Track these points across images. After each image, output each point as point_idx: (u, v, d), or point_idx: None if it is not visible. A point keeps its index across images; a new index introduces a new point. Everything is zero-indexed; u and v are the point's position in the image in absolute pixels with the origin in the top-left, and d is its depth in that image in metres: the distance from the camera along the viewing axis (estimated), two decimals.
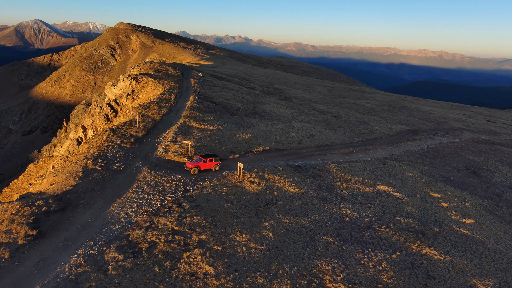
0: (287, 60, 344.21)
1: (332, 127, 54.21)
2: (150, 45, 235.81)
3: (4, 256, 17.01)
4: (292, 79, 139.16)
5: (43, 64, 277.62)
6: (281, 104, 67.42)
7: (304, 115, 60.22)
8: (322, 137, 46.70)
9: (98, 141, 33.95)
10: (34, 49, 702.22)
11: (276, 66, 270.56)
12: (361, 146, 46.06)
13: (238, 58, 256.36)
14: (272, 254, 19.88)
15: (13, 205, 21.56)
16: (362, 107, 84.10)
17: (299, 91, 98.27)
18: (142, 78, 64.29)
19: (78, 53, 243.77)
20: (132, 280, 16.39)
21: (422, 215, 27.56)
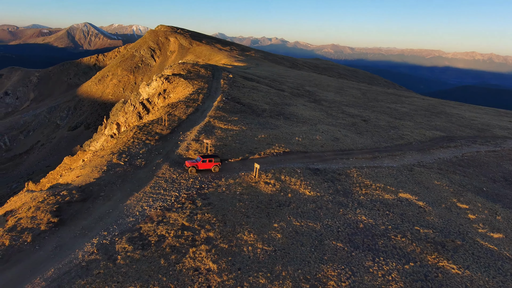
0: (322, 62, 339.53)
1: (359, 131, 52.81)
2: (188, 47, 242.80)
3: (27, 240, 18.51)
4: (325, 82, 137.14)
5: (90, 64, 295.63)
6: (309, 107, 66.73)
7: (331, 118, 59.19)
8: (347, 141, 45.65)
9: (125, 137, 35.74)
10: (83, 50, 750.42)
11: (311, 68, 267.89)
12: (388, 151, 44.46)
13: (273, 59, 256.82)
14: (278, 255, 19.86)
15: (41, 194, 23.35)
16: (396, 111, 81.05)
17: (331, 94, 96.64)
18: (173, 78, 66.55)
19: (120, 54, 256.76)
20: (138, 271, 17.15)
21: (444, 226, 26.13)
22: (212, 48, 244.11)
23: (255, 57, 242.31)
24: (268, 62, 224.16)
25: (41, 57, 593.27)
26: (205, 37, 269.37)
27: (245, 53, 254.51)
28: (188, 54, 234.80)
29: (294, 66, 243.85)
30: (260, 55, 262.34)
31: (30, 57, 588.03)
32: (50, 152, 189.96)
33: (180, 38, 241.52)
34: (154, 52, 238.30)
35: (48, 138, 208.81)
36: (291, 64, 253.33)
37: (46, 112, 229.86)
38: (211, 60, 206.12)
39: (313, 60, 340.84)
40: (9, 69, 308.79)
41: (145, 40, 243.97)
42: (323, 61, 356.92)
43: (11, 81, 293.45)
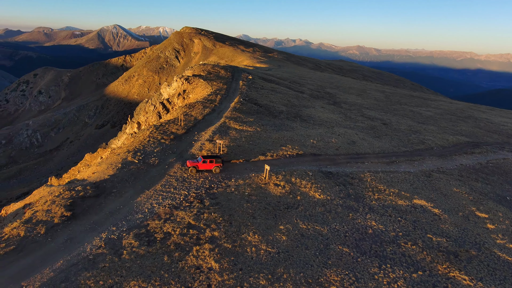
0: (347, 64, 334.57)
1: (378, 135, 51.65)
2: (211, 48, 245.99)
3: (41, 232, 19.47)
4: (347, 84, 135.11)
5: (117, 65, 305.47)
6: (328, 109, 65.96)
7: (349, 121, 58.23)
8: (364, 145, 44.77)
9: (142, 136, 36.77)
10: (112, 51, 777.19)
11: (334, 70, 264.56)
12: (407, 156, 43.21)
13: (295, 61, 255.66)
14: (281, 257, 19.81)
15: (58, 189, 24.46)
16: (419, 115, 78.68)
17: (352, 96, 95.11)
18: (193, 79, 67.70)
19: (146, 55, 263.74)
20: (141, 266, 17.63)
21: (459, 235, 25.12)
22: (235, 49, 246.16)
23: (278, 58, 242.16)
24: (290, 64, 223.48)
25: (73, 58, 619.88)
26: (228, 39, 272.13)
27: (268, 54, 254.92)
28: (211, 55, 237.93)
29: (317, 68, 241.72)
30: (282, 56, 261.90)
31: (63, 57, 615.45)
32: (78, 149, 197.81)
33: (204, 40, 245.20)
34: (179, 53, 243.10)
35: (76, 135, 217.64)
36: (314, 66, 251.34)
37: (75, 110, 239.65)
38: (234, 62, 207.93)
39: (337, 62, 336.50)
40: (43, 69, 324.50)
41: (170, 41, 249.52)
42: (347, 62, 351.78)
43: (44, 81, 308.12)
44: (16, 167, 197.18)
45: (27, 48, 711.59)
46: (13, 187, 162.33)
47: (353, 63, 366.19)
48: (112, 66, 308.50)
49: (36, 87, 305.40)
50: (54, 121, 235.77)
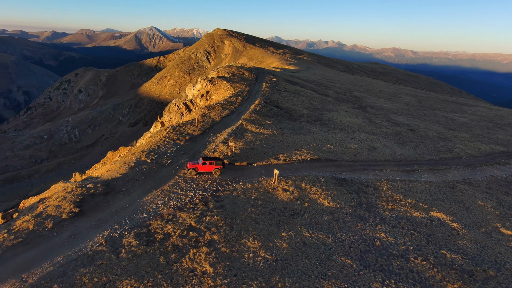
0: (380, 67, 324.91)
1: (402, 141, 49.47)
2: (241, 50, 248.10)
3: (48, 226, 20.36)
4: (378, 87, 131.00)
5: (151, 65, 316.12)
6: (352, 113, 64.17)
7: (373, 126, 56.26)
8: (385, 151, 43.03)
9: (158, 136, 37.60)
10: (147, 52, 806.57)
11: (366, 73, 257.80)
12: (431, 165, 41.00)
13: (326, 63, 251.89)
14: (278, 265, 19.37)
15: (71, 185, 25.52)
16: (452, 121, 74.57)
17: (380, 100, 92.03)
18: (217, 80, 68.44)
19: (179, 56, 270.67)
20: (137, 266, 17.91)
21: (478, 253, 23.35)
22: (265, 51, 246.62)
23: (308, 60, 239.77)
24: (320, 66, 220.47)
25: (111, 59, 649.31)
26: (258, 40, 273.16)
27: (298, 56, 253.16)
28: (241, 57, 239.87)
29: (348, 70, 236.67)
30: (313, 58, 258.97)
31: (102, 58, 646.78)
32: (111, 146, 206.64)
33: (234, 41, 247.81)
34: (209, 55, 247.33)
35: (111, 132, 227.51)
36: (345, 68, 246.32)
37: (111, 108, 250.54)
38: (263, 63, 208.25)
39: (370, 64, 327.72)
40: (83, 69, 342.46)
41: (202, 43, 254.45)
42: (381, 65, 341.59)
43: (84, 80, 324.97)
44: (55, 161, 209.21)
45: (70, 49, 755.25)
46: (52, 180, 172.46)
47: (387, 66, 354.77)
48: (146, 66, 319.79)
49: (76, 86, 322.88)
50: (91, 118, 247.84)
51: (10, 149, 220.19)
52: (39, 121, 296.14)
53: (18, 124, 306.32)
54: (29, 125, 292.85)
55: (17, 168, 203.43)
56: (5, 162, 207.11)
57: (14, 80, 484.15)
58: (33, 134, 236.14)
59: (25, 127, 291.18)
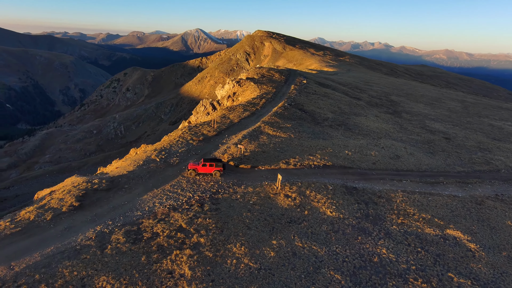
0: (429, 69, 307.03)
1: (432, 150, 46.03)
2: (281, 51, 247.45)
3: (47, 218, 21.54)
4: (420, 91, 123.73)
5: (194, 66, 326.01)
6: (382, 118, 61.03)
7: (403, 133, 53.02)
8: (410, 160, 40.27)
9: (174, 135, 38.44)
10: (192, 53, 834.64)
11: (412, 76, 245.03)
12: (460, 177, 37.65)
13: (368, 65, 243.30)
14: (260, 274, 18.74)
15: (80, 179, 26.85)
16: (499, 130, 68.17)
17: (420, 105, 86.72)
18: (244, 82, 68.65)
19: (219, 57, 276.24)
20: (118, 263, 18.28)
21: (493, 279, 20.88)
22: (304, 52, 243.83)
23: (349, 62, 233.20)
24: (362, 68, 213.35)
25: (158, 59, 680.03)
26: (299, 42, 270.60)
27: (339, 58, 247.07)
28: (280, 59, 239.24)
29: (391, 73, 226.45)
30: (355, 60, 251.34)
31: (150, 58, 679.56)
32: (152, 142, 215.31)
33: (274, 43, 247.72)
34: (249, 56, 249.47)
35: (153, 130, 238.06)
36: (388, 71, 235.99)
37: (154, 107, 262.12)
38: (302, 65, 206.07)
39: (418, 67, 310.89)
40: (132, 69, 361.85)
41: (242, 44, 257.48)
42: (430, 68, 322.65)
43: (132, 79, 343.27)
44: (102, 154, 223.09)
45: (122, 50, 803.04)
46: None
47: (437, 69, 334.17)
48: (189, 67, 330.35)
49: (125, 85, 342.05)
50: (136, 116, 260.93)
51: (64, 142, 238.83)
52: (90, 117, 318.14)
53: (72, 119, 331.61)
54: (82, 120, 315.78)
55: (69, 160, 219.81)
56: (59, 153, 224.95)
57: (72, 79, 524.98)
58: (84, 129, 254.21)
59: (78, 122, 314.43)
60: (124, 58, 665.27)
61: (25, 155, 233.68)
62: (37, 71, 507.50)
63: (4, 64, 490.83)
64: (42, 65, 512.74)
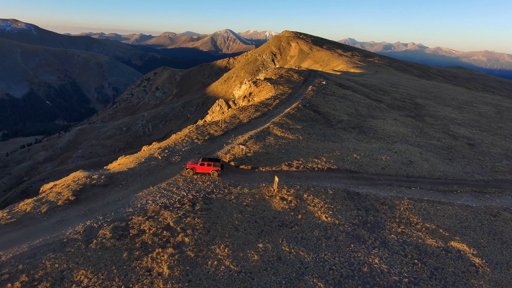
0: (465, 72, 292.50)
1: (451, 157, 43.52)
2: (307, 52, 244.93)
3: (42, 210, 22.36)
4: (451, 94, 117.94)
5: (221, 66, 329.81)
6: (401, 121, 58.58)
7: (421, 137, 50.56)
8: (423, 166, 38.27)
9: (180, 134, 38.86)
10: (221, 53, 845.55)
11: (446, 78, 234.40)
12: (478, 186, 35.31)
13: (398, 67, 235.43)
14: (239, 278, 18.38)
15: (82, 174, 27.71)
16: None
17: (447, 109, 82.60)
18: (261, 82, 68.36)
19: (246, 58, 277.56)
20: (100, 258, 18.60)
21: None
22: (332, 53, 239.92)
23: (378, 63, 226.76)
24: (391, 70, 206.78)
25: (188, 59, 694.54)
26: (327, 42, 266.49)
27: (367, 59, 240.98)
28: (306, 59, 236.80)
29: (423, 75, 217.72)
30: (384, 61, 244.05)
31: (180, 58, 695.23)
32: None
33: (301, 43, 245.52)
34: (275, 57, 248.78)
35: (179, 128, 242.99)
36: (420, 73, 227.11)
37: (180, 106, 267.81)
38: (328, 66, 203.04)
39: (453, 69, 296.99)
40: (161, 68, 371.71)
41: (268, 45, 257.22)
42: (466, 70, 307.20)
43: (161, 79, 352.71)
44: (130, 151, 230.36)
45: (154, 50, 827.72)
46: None
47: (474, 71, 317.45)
48: (217, 67, 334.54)
49: (154, 84, 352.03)
50: (163, 114, 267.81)
51: (95, 138, 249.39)
52: (121, 115, 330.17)
53: (104, 116, 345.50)
54: (113, 117, 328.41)
55: (99, 155, 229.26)
56: (90, 149, 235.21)
57: (106, 77, 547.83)
58: (114, 126, 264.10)
59: (110, 119, 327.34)
60: (156, 58, 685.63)
61: (59, 150, 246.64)
62: (74, 70, 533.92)
63: (45, 63, 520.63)
64: (79, 64, 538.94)
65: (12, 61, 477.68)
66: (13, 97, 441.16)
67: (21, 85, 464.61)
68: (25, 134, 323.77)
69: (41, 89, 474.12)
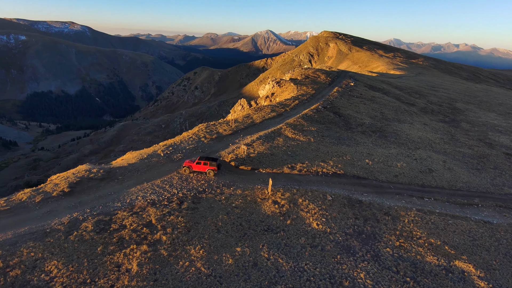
0: None
1: (480, 167, 39.59)
2: (346, 53, 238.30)
3: (36, 200, 23.40)
4: (500, 99, 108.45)
5: (259, 67, 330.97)
6: (431, 127, 54.53)
7: (450, 144, 46.61)
8: (443, 176, 35.13)
9: (190, 132, 39.10)
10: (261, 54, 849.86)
11: (499, 82, 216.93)
12: (505, 201, 31.68)
13: (445, 69, 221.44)
14: (208, 282, 17.82)
15: (84, 167, 28.74)
16: None
17: (490, 115, 75.84)
18: (284, 83, 67.23)
19: (283, 58, 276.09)
20: (74, 250, 18.99)
21: None
22: (372, 54, 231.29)
23: (422, 65, 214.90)
24: (436, 72, 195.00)
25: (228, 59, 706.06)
26: (367, 43, 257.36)
27: (410, 60, 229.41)
28: (345, 60, 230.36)
29: (472, 78, 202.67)
30: (429, 63, 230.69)
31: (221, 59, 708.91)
32: None
33: (340, 44, 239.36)
34: (312, 57, 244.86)
35: None
36: (469, 75, 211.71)
37: (216, 105, 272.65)
38: (367, 67, 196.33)
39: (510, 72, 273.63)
40: (201, 68, 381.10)
41: (306, 45, 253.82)
42: None
43: (200, 78, 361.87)
44: None
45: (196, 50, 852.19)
46: None
47: None
48: (254, 67, 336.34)
49: (194, 83, 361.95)
50: (200, 112, 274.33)
51: (136, 133, 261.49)
52: (162, 112, 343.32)
53: (146, 113, 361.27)
54: (154, 114, 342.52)
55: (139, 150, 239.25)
56: (131, 144, 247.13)
57: (150, 76, 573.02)
58: (154, 123, 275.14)
59: (151, 116, 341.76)
60: (198, 58, 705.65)
61: (104, 144, 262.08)
62: (122, 69, 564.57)
63: (96, 63, 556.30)
64: (127, 63, 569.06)
65: (68, 60, 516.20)
66: (67, 94, 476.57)
67: (74, 82, 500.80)
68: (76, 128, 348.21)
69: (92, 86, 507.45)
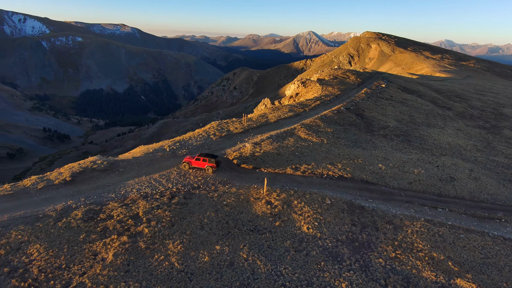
0: None
1: (511, 178, 35.63)
2: (389, 54, 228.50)
3: (38, 187, 24.70)
4: None
5: (298, 68, 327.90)
6: (465, 132, 50.16)
7: (483, 152, 42.48)
8: (467, 186, 32.00)
9: (200, 130, 39.36)
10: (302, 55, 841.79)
11: None
12: None
13: (499, 72, 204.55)
14: (178, 277, 17.59)
15: (91, 158, 29.95)
16: None
17: None
18: (309, 83, 65.66)
19: (321, 59, 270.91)
20: (59, 236, 19.71)
21: None
22: (417, 56, 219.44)
23: (472, 68, 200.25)
24: (488, 75, 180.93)
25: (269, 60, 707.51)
26: (413, 44, 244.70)
27: (460, 62, 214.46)
28: (387, 62, 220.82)
29: None
30: (482, 65, 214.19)
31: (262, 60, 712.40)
32: None
33: (382, 45, 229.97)
34: (352, 59, 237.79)
35: None
36: None
37: (253, 105, 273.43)
38: (411, 69, 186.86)
39: None
40: (240, 69, 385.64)
41: (346, 46, 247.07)
42: None
43: (239, 79, 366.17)
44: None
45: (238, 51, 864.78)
46: None
47: None
48: (293, 69, 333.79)
49: (232, 84, 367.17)
50: (236, 112, 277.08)
51: (176, 131, 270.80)
52: (201, 111, 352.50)
53: (187, 112, 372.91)
54: (194, 113, 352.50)
55: None
56: None
57: (192, 76, 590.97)
58: (193, 121, 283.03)
59: (191, 114, 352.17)
60: (239, 59, 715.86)
61: (145, 139, 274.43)
62: (166, 69, 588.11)
63: (143, 63, 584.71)
64: (171, 63, 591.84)
65: (118, 60, 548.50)
66: (116, 91, 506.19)
67: (123, 81, 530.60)
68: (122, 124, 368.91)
69: (138, 85, 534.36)
